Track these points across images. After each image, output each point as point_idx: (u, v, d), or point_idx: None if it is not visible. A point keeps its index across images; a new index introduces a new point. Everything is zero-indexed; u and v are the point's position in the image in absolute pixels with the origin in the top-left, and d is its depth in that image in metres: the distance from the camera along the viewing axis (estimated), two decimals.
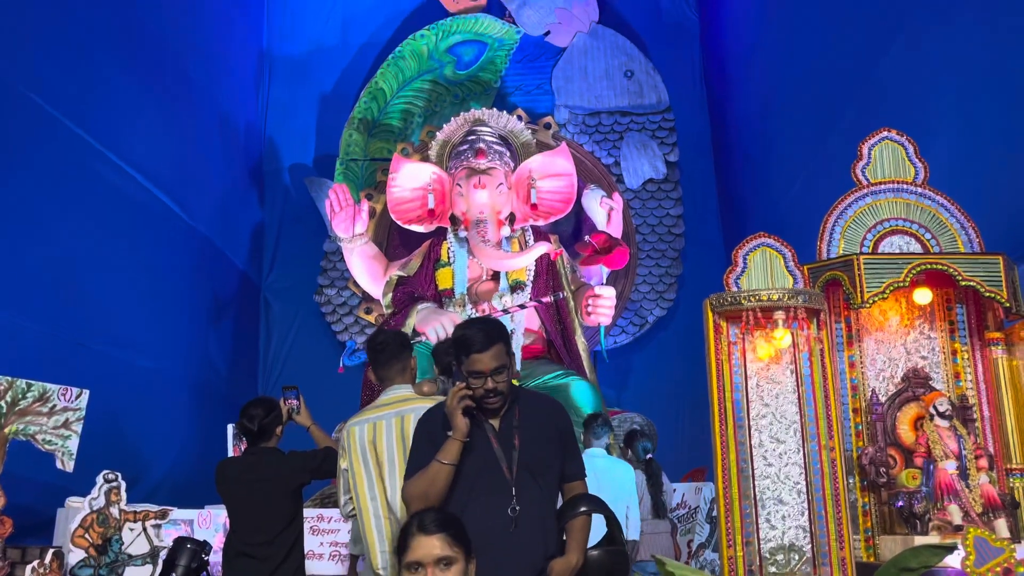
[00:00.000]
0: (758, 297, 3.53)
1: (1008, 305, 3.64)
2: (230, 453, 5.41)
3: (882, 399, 3.83)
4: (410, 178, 7.32)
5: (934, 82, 5.01)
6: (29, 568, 4.30)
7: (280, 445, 3.87)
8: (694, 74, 9.37)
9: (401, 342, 3.51)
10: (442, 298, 6.96)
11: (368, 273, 7.46)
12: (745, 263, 3.69)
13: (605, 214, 7.40)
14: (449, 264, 7.06)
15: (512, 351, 2.80)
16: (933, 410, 3.65)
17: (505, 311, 6.50)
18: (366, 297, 8.10)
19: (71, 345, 5.50)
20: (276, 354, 8.71)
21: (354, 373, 6.95)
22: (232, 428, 5.48)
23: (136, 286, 6.36)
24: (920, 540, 3.40)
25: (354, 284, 8.07)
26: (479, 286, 6.99)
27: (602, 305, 6.71)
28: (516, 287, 6.90)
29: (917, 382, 3.80)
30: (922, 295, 3.84)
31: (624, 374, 8.46)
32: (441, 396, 3.65)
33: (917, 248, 3.87)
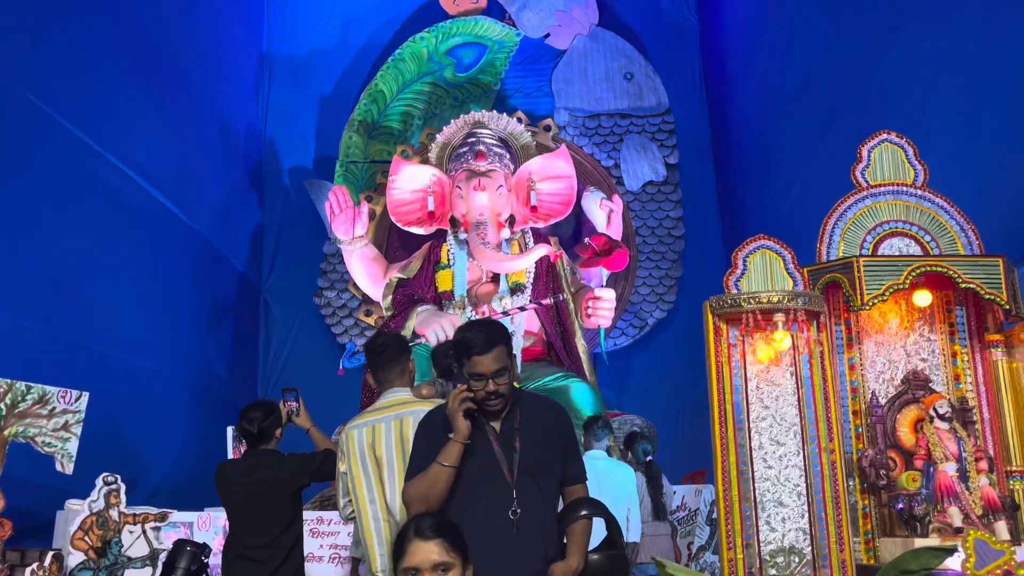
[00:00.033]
0: (758, 299, 3.52)
1: (1008, 307, 3.64)
2: (230, 455, 5.40)
3: (882, 401, 3.83)
4: (410, 180, 7.32)
5: (934, 84, 5.01)
6: (28, 570, 4.30)
7: (280, 447, 3.87)
8: (694, 76, 9.37)
9: (400, 345, 3.51)
10: (442, 300, 6.96)
11: (368, 275, 7.46)
12: (745, 265, 3.69)
13: (605, 216, 7.39)
14: (449, 266, 7.06)
15: (513, 353, 2.80)
16: (933, 412, 3.65)
17: (505, 313, 6.49)
18: (366, 299, 8.10)
19: (71, 347, 5.50)
20: (276, 356, 8.71)
21: (354, 375, 6.95)
22: (232, 430, 5.47)
23: (136, 288, 6.36)
24: (920, 542, 3.39)
25: (354, 286, 8.07)
26: (479, 288, 6.98)
27: (602, 307, 6.70)
28: (516, 289, 6.90)
29: (917, 384, 3.80)
30: (922, 297, 3.83)
31: (624, 376, 8.46)
32: (440, 399, 3.65)
33: (917, 250, 3.87)
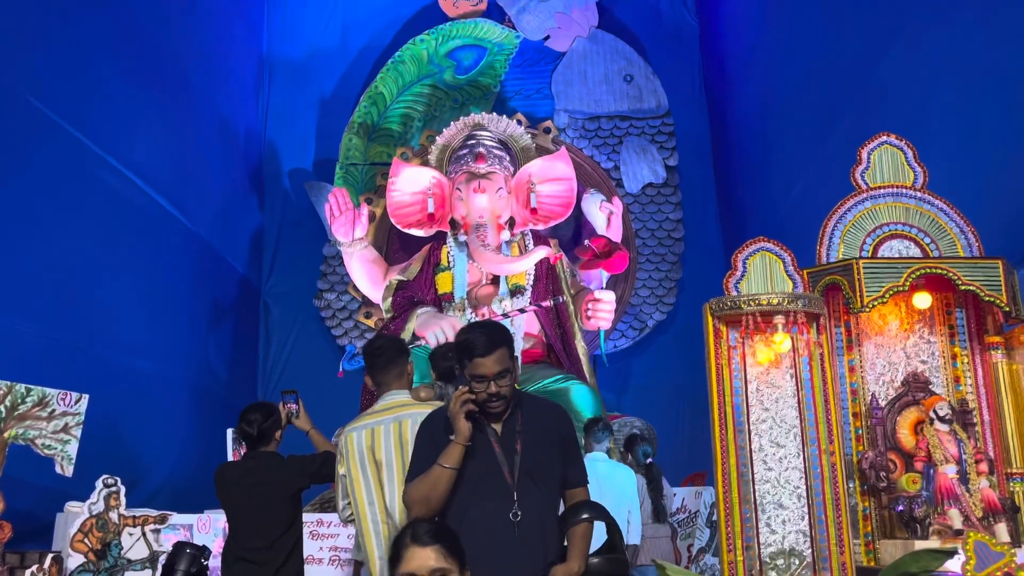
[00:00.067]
0: (758, 301, 3.52)
1: (1008, 309, 3.64)
2: (229, 457, 5.40)
3: (882, 403, 3.83)
4: (410, 182, 7.31)
5: (934, 85, 5.01)
6: (28, 573, 4.30)
7: (279, 449, 3.87)
8: (693, 78, 9.37)
9: (398, 347, 3.51)
10: (442, 302, 6.95)
11: (368, 277, 7.45)
12: (745, 267, 3.69)
13: (605, 218, 7.38)
14: (449, 268, 7.05)
15: (516, 355, 2.79)
16: (933, 414, 3.65)
17: (505, 315, 6.49)
18: (366, 301, 8.10)
19: (70, 349, 5.49)
20: (276, 358, 8.70)
21: (354, 377, 6.93)
22: (231, 432, 5.47)
23: (136, 290, 6.36)
24: (920, 544, 3.39)
25: (354, 288, 8.06)
26: (479, 290, 6.98)
27: (602, 309, 6.69)
28: (516, 291, 6.90)
29: (917, 386, 3.80)
30: (922, 299, 3.83)
31: (624, 378, 8.45)
32: (439, 401, 3.64)
33: (916, 252, 3.87)
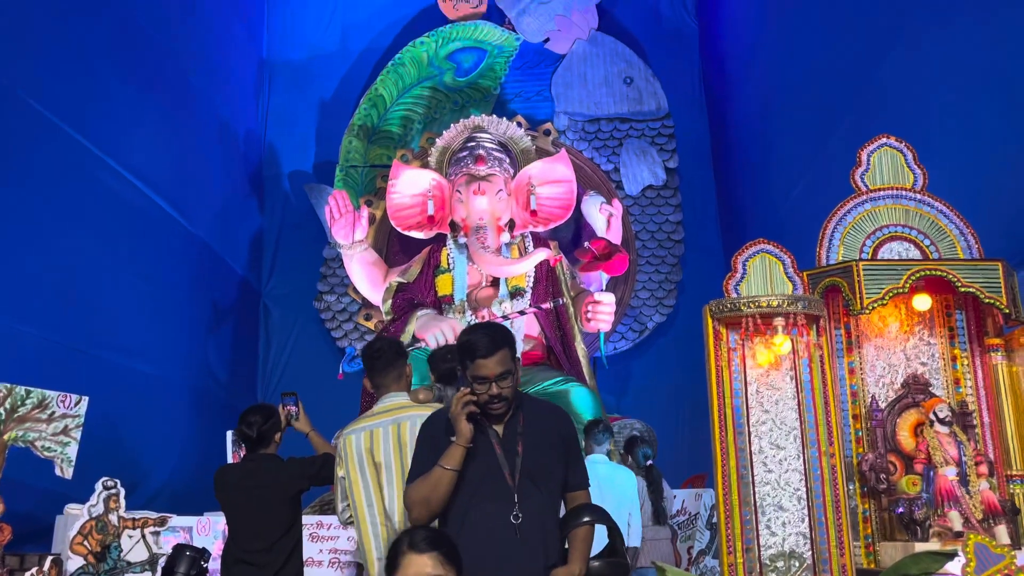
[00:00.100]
0: (758, 303, 3.52)
1: (1007, 311, 3.64)
2: (229, 460, 5.40)
3: (882, 405, 3.83)
4: (410, 184, 7.32)
5: (933, 87, 5.01)
6: (28, 575, 4.29)
7: (279, 451, 3.87)
8: (693, 81, 9.38)
9: (396, 350, 3.51)
10: (442, 304, 6.96)
11: (368, 279, 7.46)
12: (744, 269, 3.70)
13: (604, 220, 7.39)
14: (449, 270, 7.06)
15: (518, 357, 2.79)
16: (933, 416, 3.65)
17: (505, 317, 6.50)
18: (366, 303, 8.10)
19: (70, 351, 5.49)
20: (276, 360, 8.70)
21: (353, 379, 6.93)
22: (231, 435, 5.47)
23: (136, 292, 6.36)
24: (921, 547, 3.39)
25: (354, 290, 8.06)
26: (479, 292, 6.98)
27: (602, 311, 6.70)
28: (516, 293, 6.90)
29: (917, 388, 3.80)
30: (921, 301, 3.84)
31: (624, 380, 8.45)
32: (437, 404, 3.65)
33: (916, 254, 3.87)
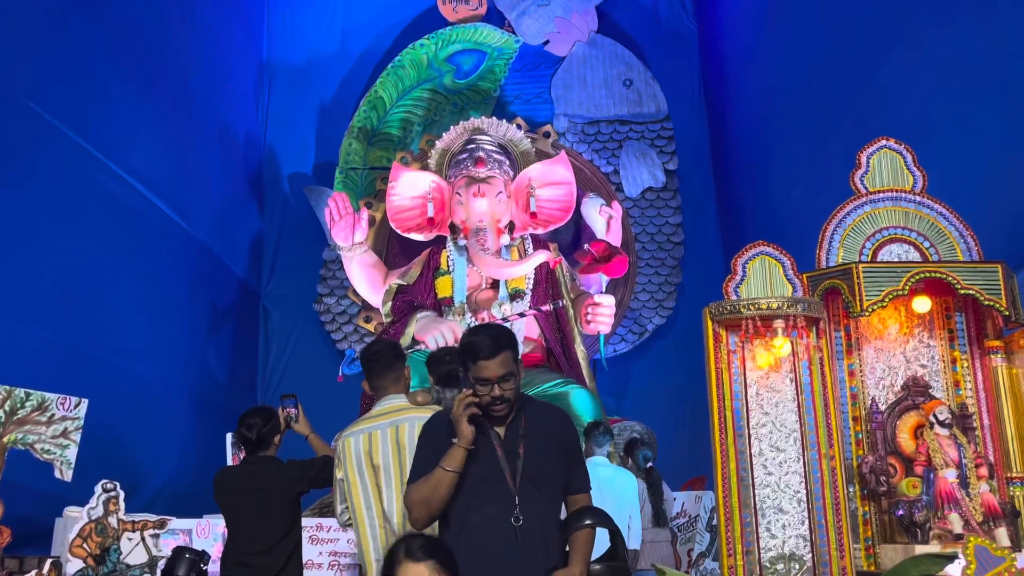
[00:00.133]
0: (757, 305, 3.52)
1: (1007, 313, 3.64)
2: (229, 462, 5.40)
3: (882, 407, 3.82)
4: (409, 187, 7.32)
5: (933, 89, 5.02)
6: None
7: (279, 454, 3.86)
8: (693, 83, 9.39)
9: (394, 352, 3.51)
10: (441, 307, 6.96)
11: (367, 282, 7.46)
12: (744, 271, 3.70)
13: (604, 222, 7.39)
14: (448, 272, 7.06)
15: (520, 358, 2.78)
16: (933, 418, 3.65)
17: (504, 319, 6.50)
18: (365, 306, 8.10)
19: (70, 354, 5.49)
20: (275, 363, 8.70)
21: (353, 382, 6.92)
22: (231, 437, 5.47)
23: (135, 294, 6.36)
24: (921, 549, 3.39)
25: (353, 293, 8.07)
26: (478, 294, 6.98)
27: (601, 313, 6.70)
28: (515, 295, 6.90)
29: (917, 390, 3.80)
30: (921, 303, 3.84)
31: (623, 382, 8.45)
32: (436, 406, 3.64)
33: (916, 257, 3.87)
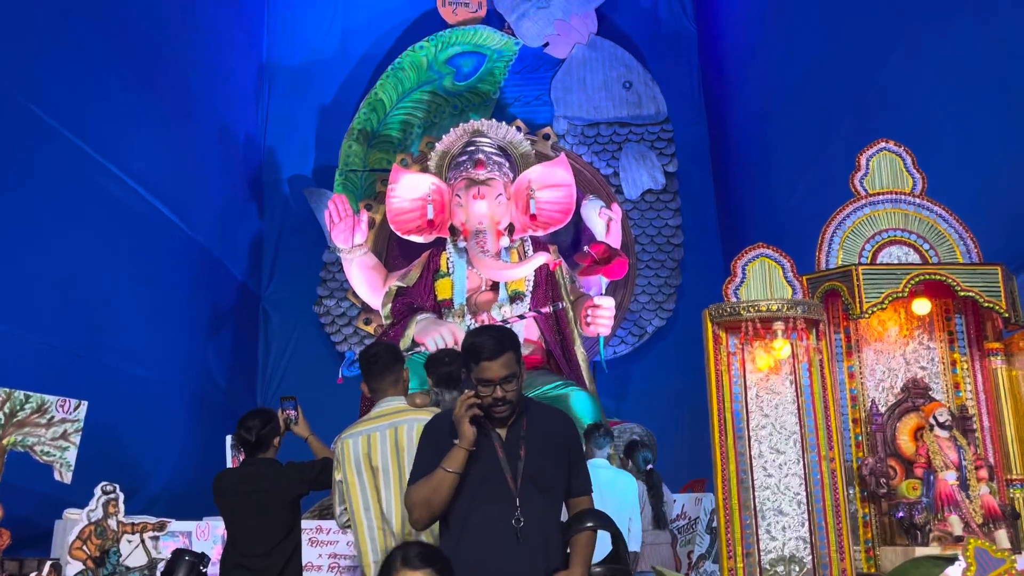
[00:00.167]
0: (757, 308, 3.53)
1: (1007, 315, 3.64)
2: (228, 464, 5.39)
3: (882, 409, 3.82)
4: (409, 189, 7.33)
5: (933, 91, 5.02)
6: None
7: (279, 456, 3.86)
8: (692, 85, 9.40)
9: (393, 355, 3.51)
10: (441, 309, 6.96)
11: (367, 284, 7.46)
12: (744, 274, 3.70)
13: (604, 224, 7.40)
14: (448, 274, 7.06)
15: (523, 360, 2.78)
16: (933, 420, 3.65)
17: (504, 321, 6.50)
18: (365, 308, 8.10)
19: (69, 356, 5.49)
20: (275, 365, 8.70)
21: (353, 384, 6.88)
22: (230, 439, 5.46)
23: (135, 297, 6.35)
24: (921, 551, 3.39)
25: (353, 295, 8.07)
26: (478, 296, 6.99)
27: (601, 315, 6.71)
28: (515, 297, 6.91)
29: (917, 392, 3.80)
30: (921, 305, 3.84)
31: (623, 384, 8.45)
32: (435, 408, 3.65)
33: (915, 259, 3.87)
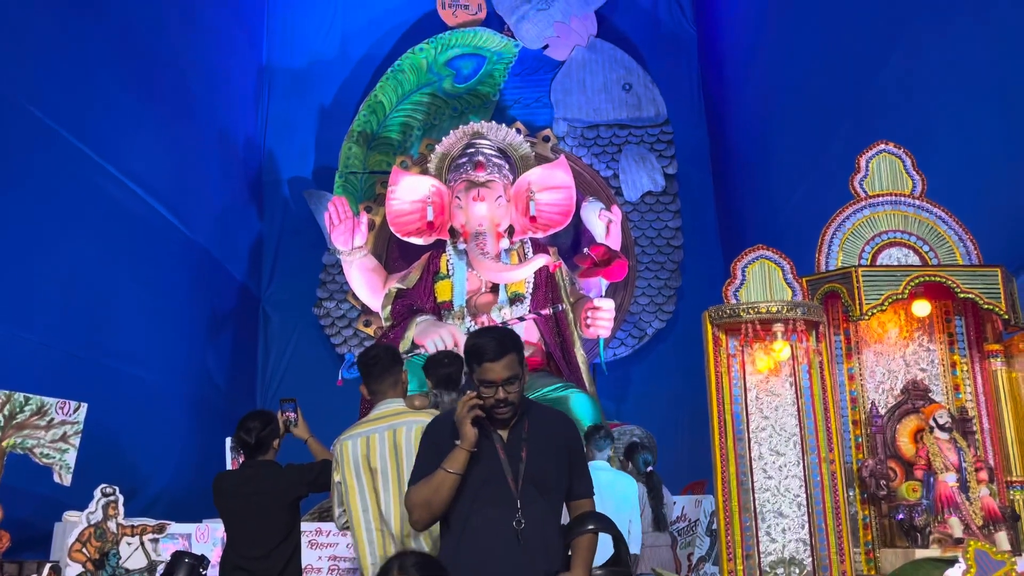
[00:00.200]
0: (757, 309, 3.53)
1: (1007, 317, 3.64)
2: (228, 466, 5.39)
3: (882, 411, 3.82)
4: (409, 191, 7.33)
5: (932, 93, 5.02)
6: None
7: (278, 458, 3.86)
8: (692, 87, 9.40)
9: (392, 357, 3.51)
10: (441, 310, 6.96)
11: (367, 286, 7.47)
12: (744, 275, 3.70)
13: (604, 226, 7.40)
14: (448, 276, 7.07)
15: (525, 362, 2.78)
16: (933, 422, 3.64)
17: (504, 323, 6.50)
18: (365, 310, 8.10)
19: (69, 358, 5.48)
20: (275, 367, 8.70)
21: (353, 386, 6.87)
22: (230, 441, 5.46)
23: (135, 299, 6.35)
24: (921, 553, 3.38)
25: (353, 297, 8.07)
26: (478, 298, 6.99)
27: (601, 317, 6.71)
28: (515, 299, 6.91)
29: (917, 394, 3.80)
30: (921, 307, 3.84)
31: (623, 386, 8.45)
32: (434, 410, 3.65)
33: (915, 260, 3.87)
